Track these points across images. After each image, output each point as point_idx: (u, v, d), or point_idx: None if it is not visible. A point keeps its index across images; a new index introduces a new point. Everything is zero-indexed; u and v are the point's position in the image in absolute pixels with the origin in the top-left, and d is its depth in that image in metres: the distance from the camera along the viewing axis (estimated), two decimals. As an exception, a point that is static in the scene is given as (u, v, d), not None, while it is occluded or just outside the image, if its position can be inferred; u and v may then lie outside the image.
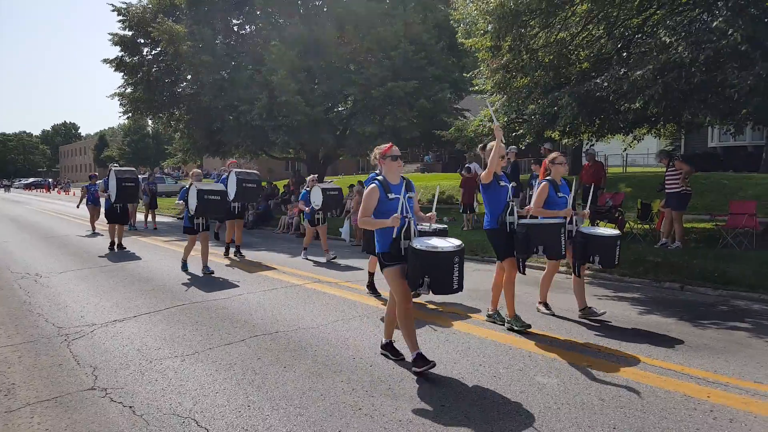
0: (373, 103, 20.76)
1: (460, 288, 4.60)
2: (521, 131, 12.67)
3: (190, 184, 9.89)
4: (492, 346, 5.58)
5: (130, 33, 23.70)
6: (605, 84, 9.19)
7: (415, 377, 4.70)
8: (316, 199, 11.32)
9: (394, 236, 4.69)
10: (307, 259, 11.63)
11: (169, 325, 6.52)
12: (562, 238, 6.10)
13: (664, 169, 11.76)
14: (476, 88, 15.36)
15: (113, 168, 12.78)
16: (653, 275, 8.70)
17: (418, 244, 4.56)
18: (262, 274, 9.88)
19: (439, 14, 22.22)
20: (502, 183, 6.13)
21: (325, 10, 23.06)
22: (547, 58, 11.18)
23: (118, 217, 13.31)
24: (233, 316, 6.88)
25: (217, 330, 6.27)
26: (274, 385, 4.57)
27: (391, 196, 4.75)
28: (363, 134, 21.20)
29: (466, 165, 16.97)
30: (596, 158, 13.42)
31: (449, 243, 4.67)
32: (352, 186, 19.56)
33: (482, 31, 11.92)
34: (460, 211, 15.91)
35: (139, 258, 12.14)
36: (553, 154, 6.74)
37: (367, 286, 8.15)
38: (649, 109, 8.85)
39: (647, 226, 12.27)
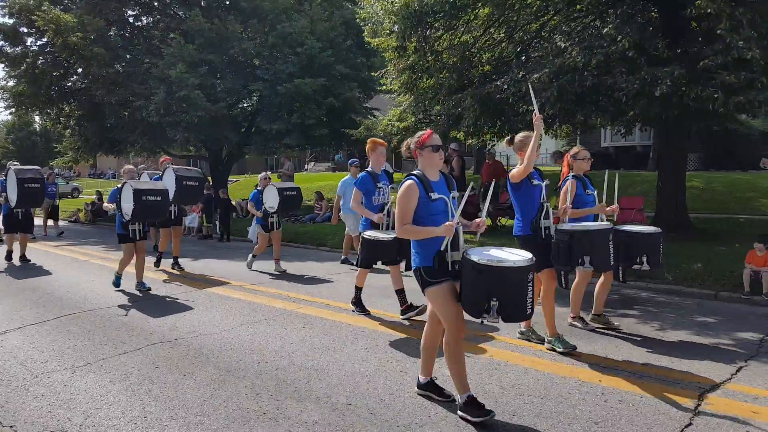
0: (280, 100, 20.45)
1: (533, 311, 3.85)
2: (428, 131, 12.89)
3: (124, 183, 8.18)
4: (400, 342, 5.63)
5: (10, 21, 21.98)
6: (505, 86, 9.51)
7: (321, 379, 4.65)
8: (271, 200, 9.94)
9: (441, 248, 3.75)
10: (253, 270, 10.11)
11: (59, 336, 6.11)
12: (611, 246, 5.39)
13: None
14: (384, 87, 15.48)
15: (12, 167, 10.86)
16: (551, 269, 9.09)
17: (477, 256, 3.62)
18: (161, 279, 9.49)
19: (347, 12, 22.21)
20: (535, 181, 5.28)
21: (227, 2, 22.50)
22: (451, 60, 11.45)
23: (20, 224, 11.26)
24: (128, 324, 6.55)
25: (110, 339, 5.94)
26: (173, 394, 4.38)
27: (434, 195, 3.87)
28: (269, 132, 20.85)
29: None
30: (495, 157, 13.91)
31: (517, 255, 3.71)
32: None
33: (388, 31, 12.03)
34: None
35: (27, 265, 11.33)
36: (576, 149, 6.15)
37: (354, 303, 6.92)
38: (545, 110, 9.24)
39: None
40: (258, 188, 10.31)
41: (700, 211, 14.07)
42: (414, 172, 3.98)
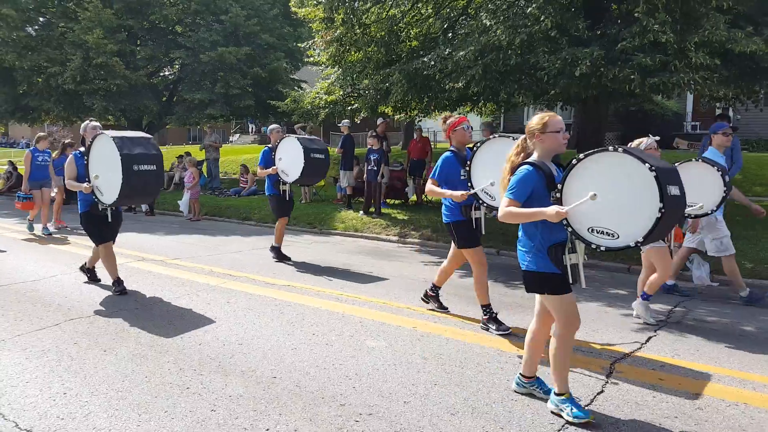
0: (203, 68, 19.89)
1: None
2: (357, 105, 12.87)
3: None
4: (325, 315, 5.69)
5: None
6: (432, 63, 9.58)
7: (245, 353, 4.65)
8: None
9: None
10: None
11: (-33, 312, 5.80)
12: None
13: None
14: (312, 59, 15.30)
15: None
16: (474, 242, 9.37)
17: None
18: (79, 253, 9.12)
19: (272, -20, 21.73)
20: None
21: (148, -34, 21.52)
22: (379, 33, 11.41)
23: None
24: (46, 299, 6.29)
25: (27, 315, 5.70)
26: (94, 370, 4.27)
27: None
28: (192, 101, 20.28)
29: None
30: (423, 133, 14.08)
31: None
32: (180, 157, 18.66)
33: (315, 2, 11.86)
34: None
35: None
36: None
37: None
38: (470, 88, 9.38)
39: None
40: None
41: (615, 187, 14.73)
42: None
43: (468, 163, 5.09)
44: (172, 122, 24.03)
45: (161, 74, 23.46)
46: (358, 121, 14.93)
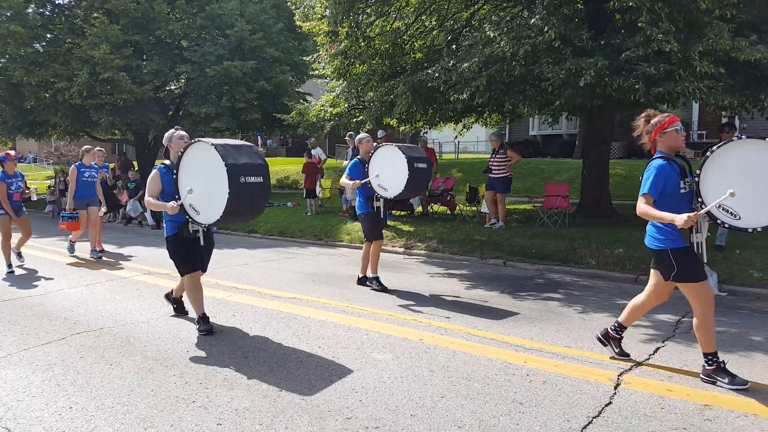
0: (209, 82, 20.03)
1: None
2: (361, 117, 12.91)
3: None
4: (331, 327, 5.67)
5: None
6: (436, 75, 9.61)
7: (251, 366, 4.64)
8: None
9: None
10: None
11: (-26, 327, 5.82)
12: None
13: (489, 155, 12.61)
14: (317, 72, 15.39)
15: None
16: (479, 253, 9.35)
17: None
18: (85, 267, 9.15)
19: (277, -6, 21.94)
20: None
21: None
22: (384, 46, 11.48)
23: None
24: (52, 313, 6.31)
25: (33, 329, 5.71)
26: (100, 384, 4.27)
27: None
28: (198, 115, 20.41)
29: (308, 149, 16.95)
30: (428, 144, 14.11)
31: None
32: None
33: (320, 16, 11.95)
34: (304, 196, 15.85)
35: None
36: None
37: None
38: (475, 99, 9.40)
39: (475, 207, 13.12)
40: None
41: (622, 197, 14.70)
42: None
43: (698, 171, 4.15)
44: (179, 136, 24.19)
45: (167, 88, 23.64)
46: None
